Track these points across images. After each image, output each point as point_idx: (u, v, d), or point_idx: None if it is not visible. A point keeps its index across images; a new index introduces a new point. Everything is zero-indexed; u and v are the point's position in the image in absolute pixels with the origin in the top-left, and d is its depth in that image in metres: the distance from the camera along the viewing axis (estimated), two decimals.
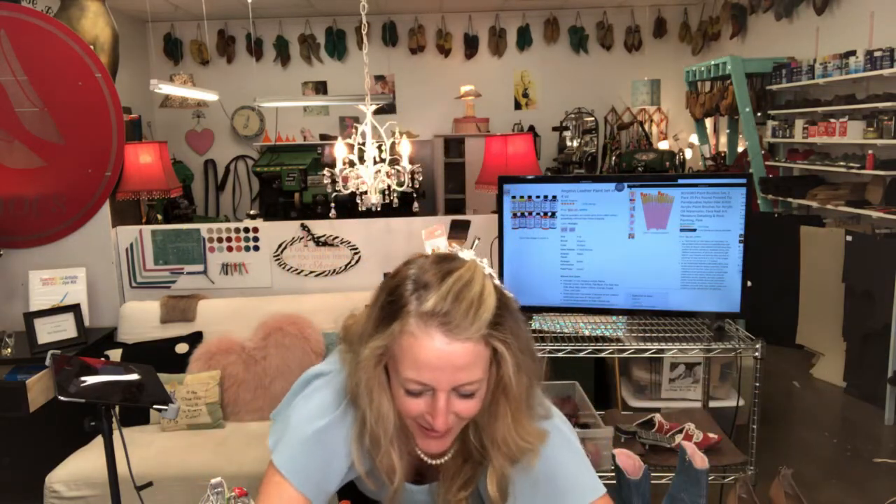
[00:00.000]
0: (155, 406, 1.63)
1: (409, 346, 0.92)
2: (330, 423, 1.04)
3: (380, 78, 7.76)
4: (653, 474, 1.86)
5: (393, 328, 0.93)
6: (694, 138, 7.13)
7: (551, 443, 1.04)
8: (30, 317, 2.90)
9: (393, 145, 3.06)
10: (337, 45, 7.67)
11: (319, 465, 1.05)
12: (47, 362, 1.70)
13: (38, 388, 2.68)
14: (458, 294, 0.91)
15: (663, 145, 7.51)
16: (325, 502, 1.08)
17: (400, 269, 0.99)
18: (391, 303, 0.95)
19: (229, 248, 3.26)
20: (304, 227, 3.24)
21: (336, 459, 1.05)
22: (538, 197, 2.13)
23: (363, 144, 3.03)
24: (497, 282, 0.98)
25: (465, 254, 1.00)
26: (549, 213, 2.13)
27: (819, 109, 4.88)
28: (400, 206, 3.07)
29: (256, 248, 3.26)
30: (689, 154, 7.23)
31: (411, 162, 3.03)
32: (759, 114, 5.68)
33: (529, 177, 2.21)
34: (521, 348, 0.96)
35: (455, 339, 0.90)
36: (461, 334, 0.90)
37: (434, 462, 1.10)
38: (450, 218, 3.27)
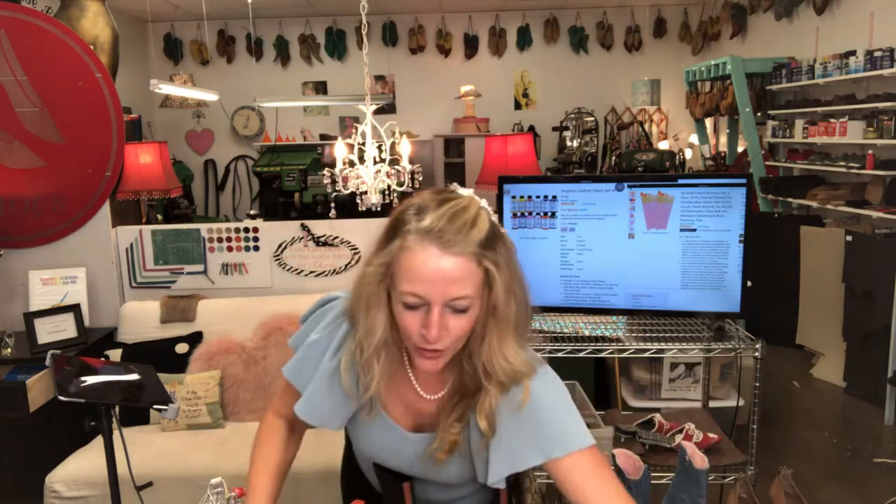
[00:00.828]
0: (155, 406, 1.63)
1: (407, 261, 0.99)
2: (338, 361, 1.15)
3: (380, 78, 7.76)
4: (653, 474, 1.86)
5: (393, 245, 1.01)
6: (694, 138, 7.13)
7: (542, 387, 1.10)
8: (30, 317, 2.90)
9: (393, 145, 3.06)
10: (337, 45, 7.67)
11: (335, 402, 1.16)
12: (47, 362, 1.70)
13: (38, 388, 2.68)
14: (453, 215, 0.99)
15: (663, 145, 7.51)
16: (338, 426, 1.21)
17: (403, 201, 1.08)
18: (393, 226, 1.04)
19: (229, 248, 3.26)
20: (304, 227, 3.24)
21: (351, 389, 1.15)
22: (538, 197, 2.13)
23: (363, 144, 3.03)
24: (494, 217, 1.05)
25: (463, 191, 1.07)
26: (549, 213, 2.13)
27: (819, 109, 4.88)
28: None
29: (256, 248, 3.26)
30: (689, 154, 7.23)
31: (411, 162, 3.03)
32: (759, 114, 5.68)
33: (529, 177, 2.21)
34: (511, 275, 1.04)
35: (447, 252, 0.97)
36: (453, 248, 0.98)
37: (431, 397, 1.16)
38: None
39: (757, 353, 2.01)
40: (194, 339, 2.95)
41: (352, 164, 3.18)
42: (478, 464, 1.14)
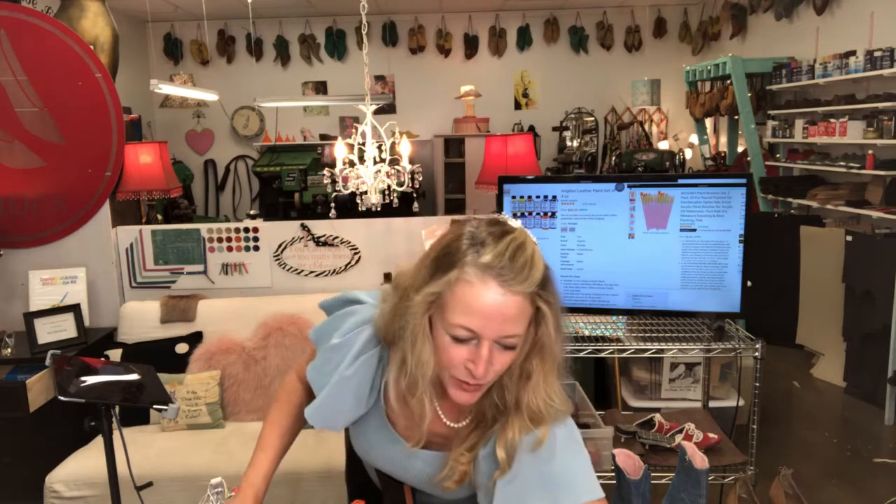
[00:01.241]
0: (155, 406, 1.63)
1: (463, 293, 0.98)
2: (361, 365, 1.16)
3: (380, 78, 7.76)
4: (653, 474, 1.86)
5: (450, 276, 0.99)
6: (694, 138, 7.13)
7: (562, 433, 1.09)
8: (30, 317, 2.90)
9: (393, 145, 3.06)
10: (337, 45, 7.67)
11: (342, 408, 1.18)
12: (47, 362, 1.70)
13: (38, 388, 2.68)
14: (514, 252, 0.99)
15: (663, 145, 7.51)
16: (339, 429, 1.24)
17: (453, 229, 1.06)
18: (447, 255, 1.02)
19: (229, 248, 3.26)
20: (304, 227, 3.24)
21: (360, 396, 1.17)
22: (538, 197, 2.13)
23: (363, 144, 3.03)
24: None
25: (513, 222, 1.06)
26: (549, 213, 2.13)
27: (819, 109, 4.88)
28: (400, 206, 3.07)
29: (256, 248, 3.26)
30: (689, 154, 7.23)
31: (411, 162, 3.03)
32: (759, 114, 5.68)
33: (529, 177, 2.21)
34: (559, 314, 1.04)
35: (508, 290, 0.97)
36: (514, 287, 0.97)
37: (454, 426, 1.16)
38: (450, 218, 3.27)
39: (757, 353, 2.01)
40: (194, 339, 2.95)
41: (352, 164, 3.18)
42: (482, 497, 1.12)
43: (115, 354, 2.89)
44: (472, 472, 1.12)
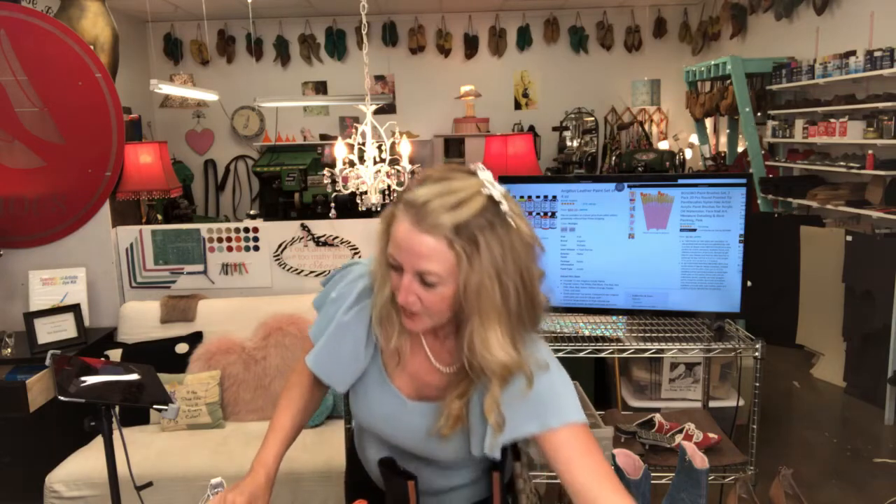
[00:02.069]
0: (155, 406, 1.63)
1: (393, 227, 1.07)
2: (357, 312, 1.23)
3: (380, 78, 7.76)
4: (653, 474, 1.86)
5: (392, 210, 1.09)
6: (694, 138, 7.13)
7: (550, 364, 1.15)
8: (30, 317, 2.90)
9: (393, 145, 3.06)
10: (337, 45, 7.67)
11: (341, 357, 1.24)
12: (47, 362, 1.70)
13: (38, 388, 2.68)
14: (437, 195, 1.03)
15: (663, 145, 7.51)
16: (345, 388, 1.26)
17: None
18: (397, 199, 1.11)
19: (229, 248, 3.26)
20: (304, 227, 3.24)
21: (358, 347, 1.23)
22: (538, 197, 2.13)
23: (363, 144, 3.03)
24: (507, 208, 1.05)
25: (483, 174, 1.08)
26: (549, 213, 2.13)
27: (819, 109, 4.88)
28: None
29: (256, 248, 3.26)
30: (689, 154, 7.23)
31: (411, 162, 3.03)
32: (759, 114, 5.68)
33: (529, 177, 2.21)
34: (503, 265, 1.03)
35: (417, 228, 1.02)
36: (423, 225, 1.02)
37: (443, 370, 1.21)
38: None
39: (757, 353, 2.01)
40: (194, 339, 2.95)
41: (352, 164, 3.18)
42: (475, 437, 1.16)
43: (115, 354, 2.89)
44: (465, 416, 1.16)
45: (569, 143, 7.60)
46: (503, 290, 1.04)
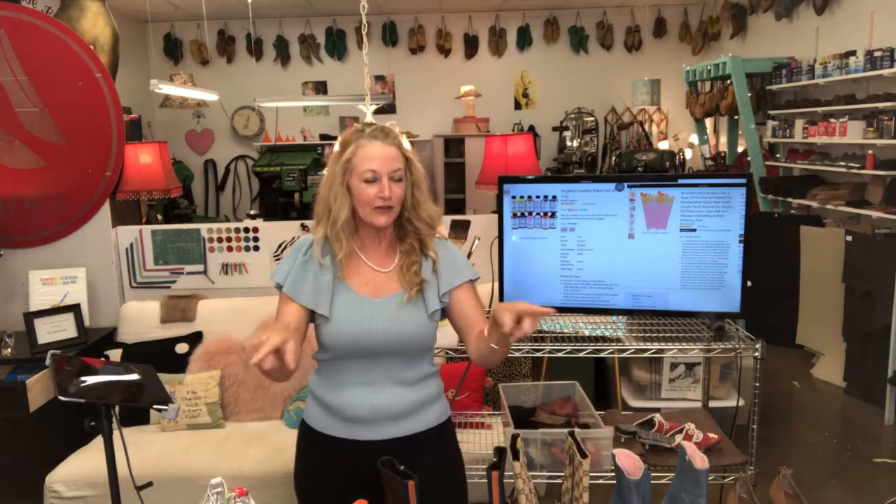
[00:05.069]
0: (155, 406, 1.63)
1: (363, 152, 1.51)
2: (311, 256, 1.57)
3: (380, 78, 7.76)
4: (653, 474, 1.86)
5: (353, 147, 1.52)
6: (694, 138, 7.13)
7: (448, 243, 1.67)
8: (30, 317, 2.90)
9: None
10: (337, 45, 7.67)
11: (310, 278, 1.55)
12: (47, 362, 1.70)
13: (38, 388, 2.68)
14: (381, 128, 1.56)
15: (663, 145, 7.51)
16: (323, 306, 1.54)
17: (344, 133, 1.59)
18: (347, 142, 1.54)
19: (229, 248, 3.26)
20: (304, 227, 3.24)
21: (318, 273, 1.55)
22: (538, 197, 2.14)
23: None
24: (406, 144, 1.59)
25: (392, 124, 1.61)
26: (549, 213, 2.13)
27: (819, 109, 4.88)
28: None
29: (256, 248, 3.26)
30: (689, 154, 7.22)
31: None
32: (759, 114, 5.67)
33: (529, 177, 2.21)
34: (419, 160, 1.60)
35: (384, 142, 1.53)
36: (388, 140, 1.53)
37: (384, 270, 1.58)
38: (450, 218, 3.27)
39: (757, 353, 2.01)
40: (194, 339, 2.95)
41: None
42: (431, 291, 1.56)
43: (115, 354, 2.89)
44: (420, 276, 1.56)
45: (569, 143, 7.60)
46: (424, 174, 1.61)
